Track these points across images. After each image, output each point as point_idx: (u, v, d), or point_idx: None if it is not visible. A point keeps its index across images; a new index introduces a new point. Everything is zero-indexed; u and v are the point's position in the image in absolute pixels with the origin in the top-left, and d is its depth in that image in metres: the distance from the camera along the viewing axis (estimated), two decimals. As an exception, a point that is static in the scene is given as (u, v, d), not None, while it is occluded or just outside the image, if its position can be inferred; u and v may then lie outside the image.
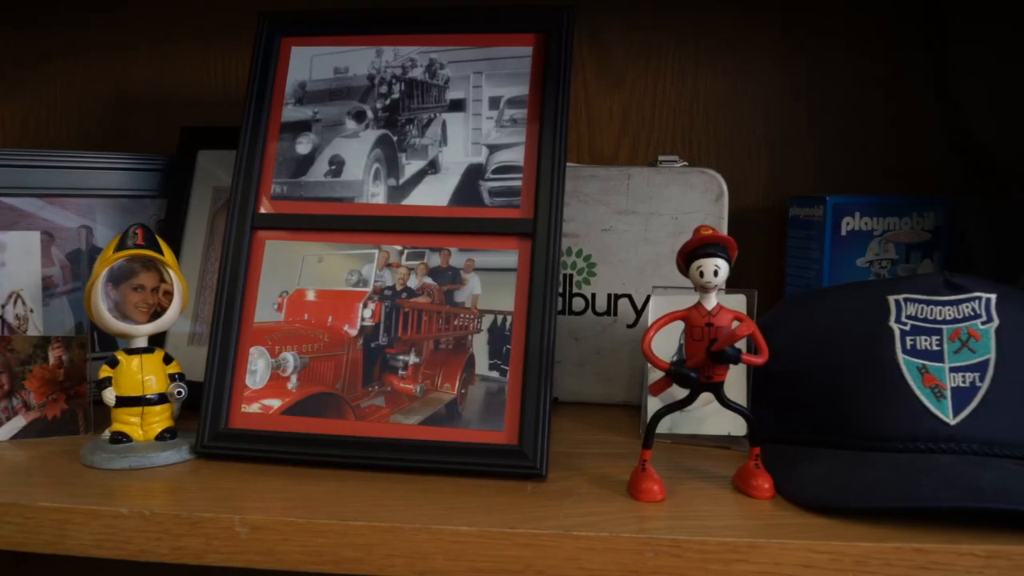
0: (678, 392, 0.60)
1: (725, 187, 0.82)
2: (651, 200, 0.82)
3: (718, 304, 0.59)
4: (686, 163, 0.84)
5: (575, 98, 0.95)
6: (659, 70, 0.94)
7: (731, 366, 0.71)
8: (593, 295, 0.84)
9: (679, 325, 0.60)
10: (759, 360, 0.59)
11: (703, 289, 0.58)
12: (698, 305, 0.59)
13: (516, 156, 0.69)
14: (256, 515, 0.56)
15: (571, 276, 0.84)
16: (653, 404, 0.73)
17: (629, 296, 0.84)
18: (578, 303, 0.85)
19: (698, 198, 0.82)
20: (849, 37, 0.93)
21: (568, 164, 0.85)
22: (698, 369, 0.58)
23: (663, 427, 0.73)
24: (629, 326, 0.84)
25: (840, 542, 0.53)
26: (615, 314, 0.84)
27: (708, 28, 0.93)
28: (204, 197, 0.85)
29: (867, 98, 0.93)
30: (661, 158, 0.84)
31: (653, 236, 0.82)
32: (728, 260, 0.58)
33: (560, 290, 0.84)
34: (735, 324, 0.58)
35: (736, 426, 0.71)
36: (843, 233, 0.83)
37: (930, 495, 0.54)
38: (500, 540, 0.54)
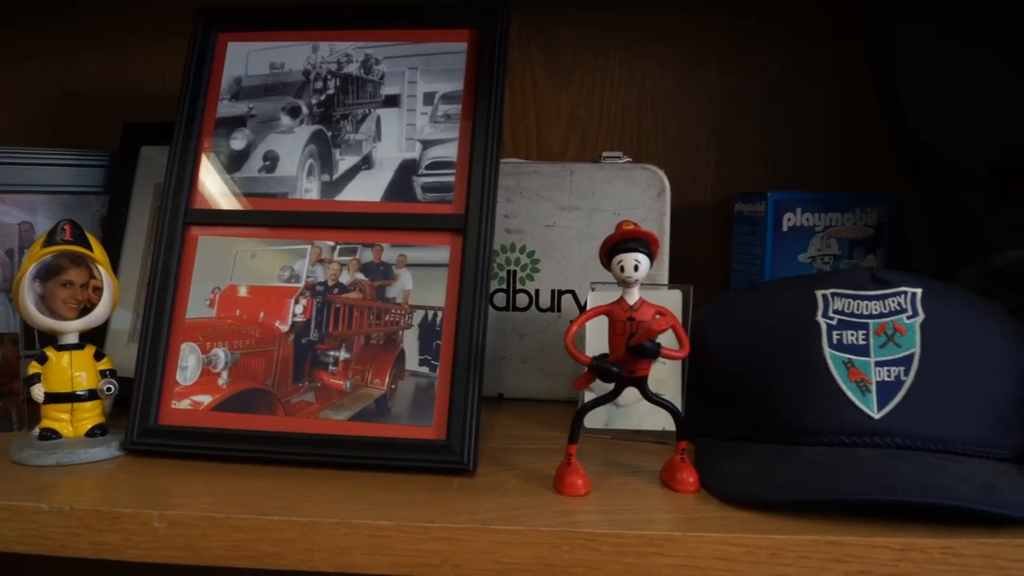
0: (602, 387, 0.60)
1: (667, 183, 0.82)
2: (594, 196, 0.82)
3: (640, 299, 0.59)
4: (630, 159, 0.84)
5: (523, 95, 0.95)
6: (607, 66, 0.94)
7: (662, 361, 0.71)
8: (537, 291, 0.84)
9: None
10: (680, 354, 0.59)
11: (624, 284, 0.58)
12: (620, 300, 0.59)
13: (449, 152, 0.69)
14: (176, 511, 0.56)
15: (515, 272, 0.84)
16: (592, 398, 0.73)
17: (573, 292, 0.84)
18: (522, 299, 0.85)
19: (640, 194, 0.82)
20: (798, 33, 0.93)
21: (512, 160, 0.86)
22: (620, 364, 0.58)
23: (599, 422, 0.73)
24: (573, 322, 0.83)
25: (755, 535, 0.53)
26: (559, 310, 0.84)
27: (656, 24, 0.93)
28: (146, 193, 0.84)
29: (817, 94, 0.93)
30: (605, 154, 0.84)
31: (596, 232, 0.82)
32: (649, 255, 0.58)
33: (503, 286, 0.84)
34: (658, 319, 0.58)
35: (672, 421, 0.71)
36: (784, 229, 0.83)
37: (845, 489, 0.54)
38: (417, 534, 0.54)
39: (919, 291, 0.63)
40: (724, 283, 0.92)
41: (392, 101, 0.71)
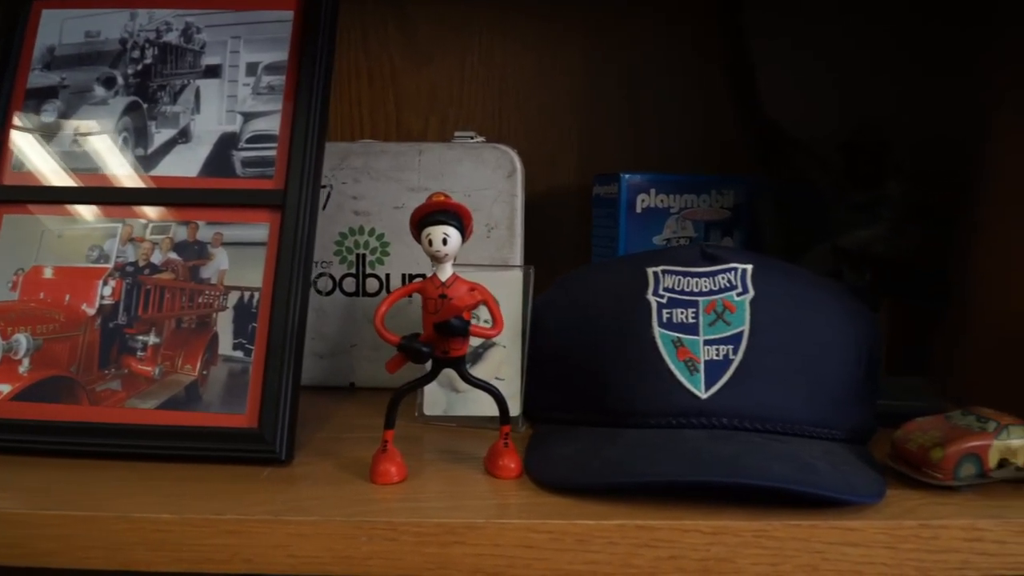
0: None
1: (518, 163, 0.79)
2: (443, 177, 0.79)
3: (454, 275, 0.56)
4: (483, 139, 0.81)
5: (381, 76, 0.92)
6: (466, 46, 0.91)
7: (502, 344, 0.69)
8: (387, 275, 0.81)
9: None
10: (491, 332, 0.56)
11: (434, 259, 0.55)
12: (432, 276, 0.56)
13: (272, 125, 0.66)
14: (-54, 507, 0.51)
15: (364, 256, 0.81)
16: (430, 384, 0.70)
17: (424, 276, 0.80)
18: (372, 284, 0.81)
19: (490, 174, 0.79)
20: (661, 12, 0.91)
21: (364, 140, 0.82)
22: (431, 343, 0.55)
23: (439, 409, 0.70)
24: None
25: (562, 521, 0.50)
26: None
27: (515, 3, 0.91)
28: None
29: (680, 75, 0.92)
30: (457, 134, 0.81)
31: (446, 214, 0.79)
32: (460, 229, 0.55)
33: (352, 271, 0.81)
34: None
35: (510, 406, 0.68)
36: (639, 210, 0.81)
37: (656, 471, 0.52)
38: (204, 528, 0.51)
39: (749, 267, 0.61)
40: (588, 268, 0.90)
41: (213, 71, 0.67)
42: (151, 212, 0.65)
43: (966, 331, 0.76)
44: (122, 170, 0.66)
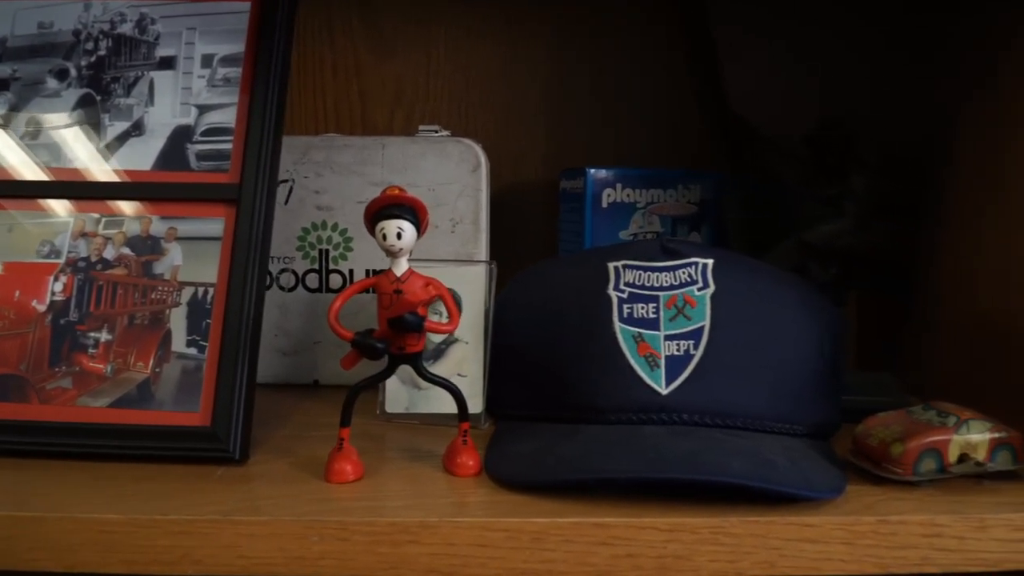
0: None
1: (483, 157, 0.78)
2: (407, 171, 0.78)
3: (409, 270, 0.55)
4: (448, 133, 0.80)
5: (346, 70, 0.91)
6: (432, 40, 0.90)
7: (464, 340, 0.68)
8: (351, 271, 0.80)
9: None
10: (447, 328, 0.55)
11: (389, 253, 0.54)
12: (387, 271, 0.55)
13: (227, 117, 0.64)
14: None
15: (327, 251, 0.79)
16: (392, 380, 0.69)
17: (388, 272, 0.79)
18: (336, 280, 0.80)
19: (454, 168, 0.78)
20: (628, 6, 0.90)
21: (326, 134, 0.81)
22: (387, 339, 0.54)
23: (400, 407, 0.69)
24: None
25: (518, 519, 0.50)
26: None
27: (482, -5, 0.90)
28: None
29: (647, 68, 0.91)
30: (421, 127, 0.80)
31: (410, 209, 0.78)
32: (415, 223, 0.54)
33: (315, 266, 0.80)
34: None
35: (473, 404, 0.67)
36: (604, 205, 0.80)
37: (613, 467, 0.51)
38: (151, 529, 0.49)
39: (710, 262, 0.60)
40: (555, 264, 0.89)
41: (167, 63, 0.66)
42: (104, 206, 0.63)
43: (934, 327, 0.76)
44: (74, 164, 0.64)
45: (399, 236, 0.53)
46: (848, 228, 0.72)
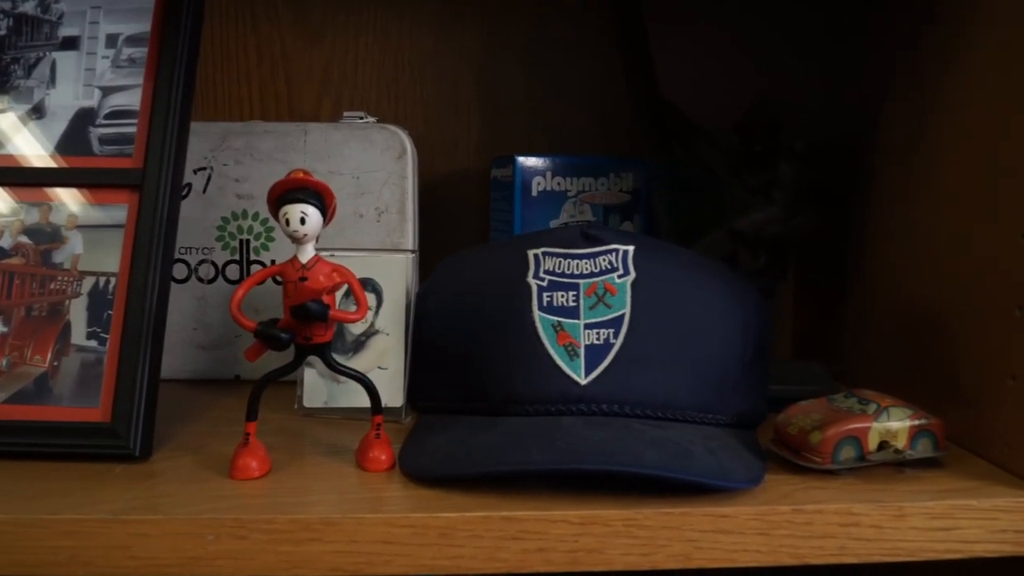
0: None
1: (409, 144, 0.76)
2: (330, 158, 0.76)
3: (315, 256, 0.53)
4: (375, 119, 0.78)
5: (271, 56, 0.88)
6: (360, 26, 0.88)
7: (385, 332, 0.66)
8: (273, 261, 0.77)
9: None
10: (354, 316, 0.53)
11: (293, 239, 0.52)
12: (293, 259, 0.53)
13: (132, 100, 0.62)
14: None
15: (247, 241, 0.77)
16: (311, 374, 0.67)
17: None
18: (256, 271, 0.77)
19: (379, 156, 0.76)
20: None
21: (246, 121, 0.79)
22: (291, 330, 0.52)
23: (319, 401, 0.67)
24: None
25: (424, 514, 0.48)
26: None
27: (411, -20, 0.88)
28: None
29: (580, 56, 0.89)
30: (346, 114, 0.78)
31: (334, 197, 0.76)
32: (321, 208, 0.52)
33: (236, 257, 0.77)
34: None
35: (393, 396, 0.65)
36: (534, 194, 0.78)
37: (523, 459, 0.50)
38: (37, 529, 0.47)
39: (631, 248, 0.59)
40: (488, 254, 0.87)
41: (70, 43, 0.63)
42: (0, 193, 0.60)
43: (864, 315, 0.75)
44: (-31, 148, 0.61)
45: (303, 221, 0.51)
46: (777, 216, 0.71)
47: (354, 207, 0.76)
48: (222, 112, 0.88)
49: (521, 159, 0.78)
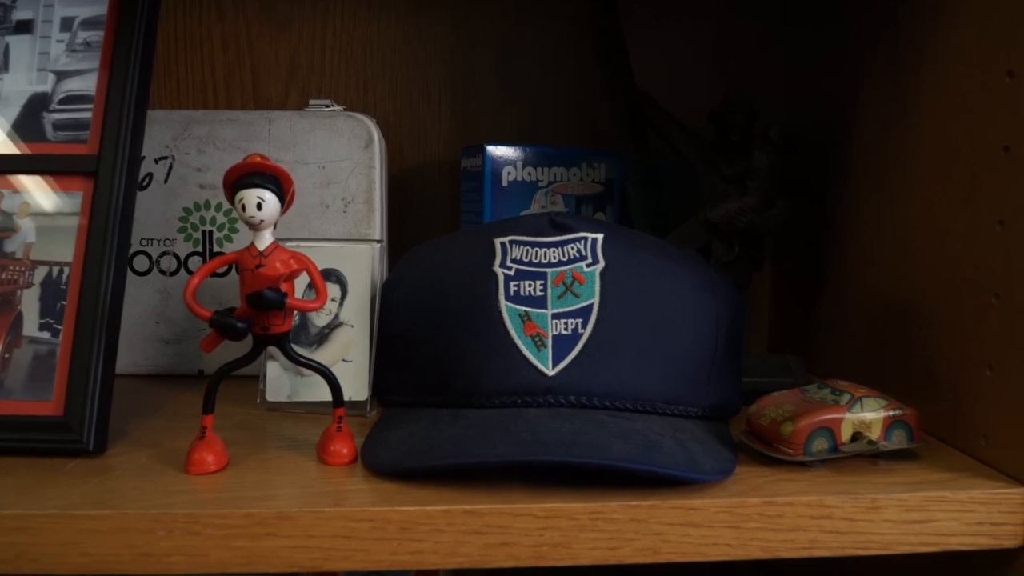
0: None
1: (376, 133, 0.74)
2: (295, 147, 0.74)
3: (273, 244, 0.51)
4: (342, 107, 0.76)
5: (237, 43, 0.86)
6: (328, 13, 0.86)
7: (349, 324, 0.64)
8: (237, 254, 0.75)
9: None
10: (312, 305, 0.52)
11: (250, 226, 0.51)
12: (250, 246, 0.51)
13: (87, 84, 0.60)
14: None
15: (210, 233, 0.75)
16: (274, 367, 0.66)
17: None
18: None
19: (346, 144, 0.74)
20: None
21: (208, 109, 0.77)
22: (248, 319, 0.51)
23: (282, 395, 0.65)
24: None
25: (383, 508, 0.46)
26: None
27: (379, -32, 0.86)
28: None
29: (553, 44, 0.88)
30: (312, 102, 0.76)
31: (300, 187, 0.73)
32: (279, 194, 0.50)
33: (199, 249, 0.75)
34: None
35: (358, 390, 0.64)
36: (505, 184, 0.77)
37: (485, 451, 0.48)
38: (-18, 526, 0.45)
39: (600, 236, 0.58)
40: (459, 247, 0.86)
41: (24, 27, 0.61)
42: (-50, 180, 0.58)
43: (840, 308, 0.74)
44: (-82, 134, 0.59)
45: (259, 207, 0.49)
46: (751, 206, 0.70)
47: (320, 197, 0.74)
48: (185, 103, 0.86)
49: (491, 148, 0.77)
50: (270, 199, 0.50)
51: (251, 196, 0.49)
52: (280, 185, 0.50)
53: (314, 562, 0.46)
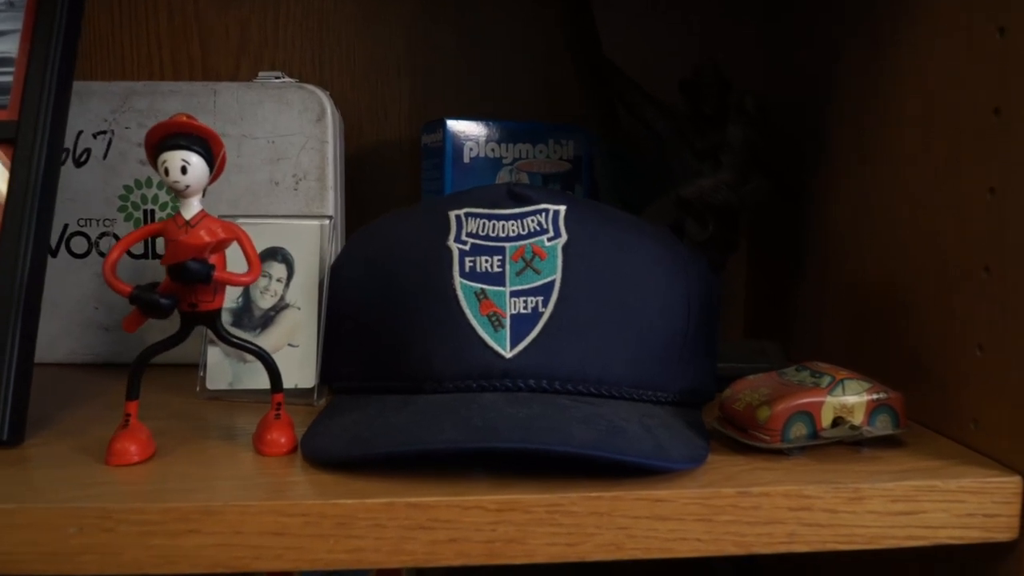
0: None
1: (329, 105, 0.70)
2: (243, 121, 0.70)
3: (201, 212, 0.47)
4: (294, 80, 0.71)
5: (184, 14, 0.81)
6: (281, -18, 0.82)
7: (296, 306, 0.60)
8: (182, 235, 0.71)
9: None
10: (242, 279, 0.47)
11: (175, 191, 0.46)
12: (176, 215, 0.47)
13: (9, 47, 0.55)
14: None
15: (152, 212, 0.70)
16: (215, 353, 0.61)
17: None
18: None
19: (296, 118, 0.70)
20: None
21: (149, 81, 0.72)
22: (173, 295, 0.46)
23: (223, 383, 0.61)
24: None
25: (318, 501, 0.42)
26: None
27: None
28: None
29: (518, 15, 0.84)
30: (261, 74, 0.72)
31: (247, 163, 0.70)
32: (207, 156, 0.46)
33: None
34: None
35: (305, 376, 0.59)
36: (466, 160, 0.73)
37: (432, 438, 0.44)
38: None
39: (562, 208, 0.53)
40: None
41: (-61, -16, 0.57)
42: None
43: (822, 290, 0.70)
44: None
45: (184, 171, 0.45)
46: (726, 182, 0.66)
47: (269, 174, 0.70)
48: (131, 78, 0.81)
49: (451, 123, 0.72)
50: (196, 162, 0.45)
51: (175, 158, 0.45)
52: (209, 147, 0.46)
53: (241, 561, 0.42)
